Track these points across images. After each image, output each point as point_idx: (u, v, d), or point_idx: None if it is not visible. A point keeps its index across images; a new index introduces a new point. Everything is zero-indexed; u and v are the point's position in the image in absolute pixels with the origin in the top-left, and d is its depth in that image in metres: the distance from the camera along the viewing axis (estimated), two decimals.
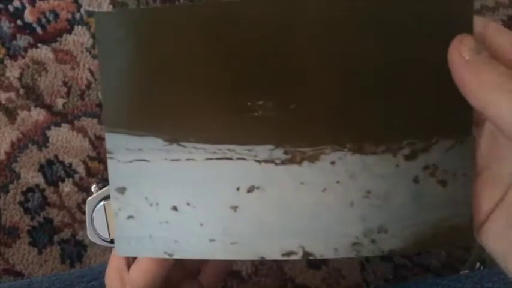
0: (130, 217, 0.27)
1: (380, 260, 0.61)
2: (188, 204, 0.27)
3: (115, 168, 0.27)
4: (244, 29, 0.25)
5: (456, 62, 0.23)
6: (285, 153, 0.26)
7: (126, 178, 0.27)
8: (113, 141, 0.27)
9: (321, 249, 0.26)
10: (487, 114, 0.22)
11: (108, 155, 0.27)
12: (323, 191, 0.26)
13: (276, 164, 0.26)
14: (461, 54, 0.22)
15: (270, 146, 0.26)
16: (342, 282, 0.61)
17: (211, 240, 0.27)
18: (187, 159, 0.26)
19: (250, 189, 0.26)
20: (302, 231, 0.26)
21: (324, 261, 0.60)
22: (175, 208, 0.27)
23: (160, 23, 0.25)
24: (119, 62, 0.26)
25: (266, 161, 0.26)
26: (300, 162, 0.26)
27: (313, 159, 0.26)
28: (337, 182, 0.26)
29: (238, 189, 0.26)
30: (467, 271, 0.58)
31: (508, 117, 0.21)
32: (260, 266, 0.61)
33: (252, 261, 0.61)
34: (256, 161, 0.26)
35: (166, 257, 0.27)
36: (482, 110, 0.22)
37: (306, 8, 0.25)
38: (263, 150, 0.26)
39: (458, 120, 0.25)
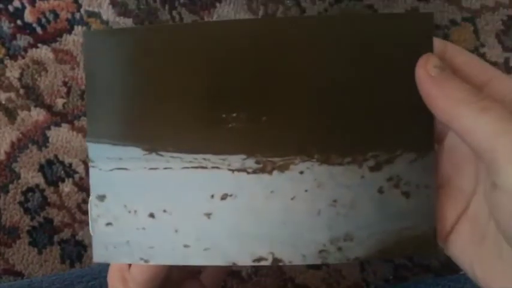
0: (109, 224, 0.28)
1: (380, 260, 0.61)
2: (164, 211, 0.28)
3: (96, 177, 0.28)
4: (219, 46, 0.27)
5: (423, 79, 0.24)
6: (257, 162, 0.27)
7: (106, 186, 0.28)
8: (95, 150, 0.28)
9: (289, 256, 0.27)
10: (452, 126, 0.23)
11: (90, 164, 0.28)
12: (292, 199, 0.27)
13: (248, 173, 0.27)
14: (427, 71, 0.24)
15: (243, 156, 0.27)
16: (342, 282, 0.61)
17: (186, 246, 0.28)
18: (165, 168, 0.28)
19: (224, 197, 0.27)
20: (272, 238, 0.27)
21: None
22: (152, 215, 0.28)
23: (142, 42, 0.27)
24: (104, 77, 0.28)
25: (239, 170, 0.27)
26: (270, 172, 0.27)
27: (283, 168, 0.27)
28: (306, 190, 0.27)
29: (212, 196, 0.27)
30: None
31: (471, 127, 0.22)
32: (260, 266, 0.61)
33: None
34: (230, 170, 0.27)
35: (142, 263, 0.28)
36: (448, 123, 0.23)
37: (279, 28, 0.27)
38: (236, 160, 0.27)
39: (421, 134, 0.26)
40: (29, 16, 0.61)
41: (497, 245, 0.24)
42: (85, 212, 0.61)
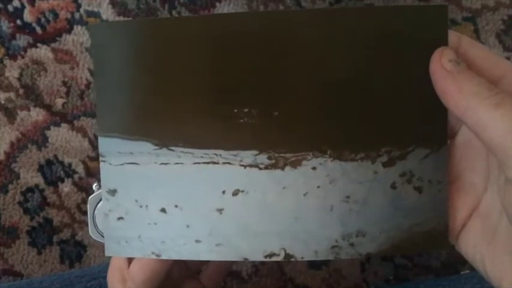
0: (120, 218, 0.28)
1: (380, 261, 0.60)
2: (176, 206, 0.28)
3: (107, 171, 0.28)
4: (232, 40, 0.26)
5: (438, 72, 0.24)
6: (269, 158, 0.27)
7: (117, 180, 0.28)
8: (106, 145, 0.28)
9: (301, 251, 0.27)
10: (466, 120, 0.23)
11: (100, 158, 0.28)
12: (304, 195, 0.27)
13: (260, 168, 0.27)
14: (442, 65, 0.24)
15: (255, 152, 0.27)
16: (342, 282, 0.61)
17: (197, 242, 0.28)
18: (176, 163, 0.27)
19: (235, 193, 0.27)
20: (284, 233, 0.27)
21: (324, 262, 0.60)
22: (163, 210, 0.28)
23: (152, 34, 0.27)
24: (113, 70, 0.27)
25: (251, 166, 0.27)
26: (282, 167, 0.27)
27: (295, 164, 0.27)
28: (318, 187, 0.27)
29: (224, 192, 0.27)
30: (467, 271, 0.58)
31: (485, 122, 0.22)
32: (260, 266, 0.61)
33: (252, 262, 0.60)
34: (242, 165, 0.27)
35: (154, 257, 0.28)
36: (461, 117, 0.23)
37: (290, 22, 0.26)
38: (248, 156, 0.27)
39: (434, 130, 0.26)
40: (28, 16, 0.61)
41: (509, 241, 0.24)
42: (85, 212, 0.61)
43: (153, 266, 0.30)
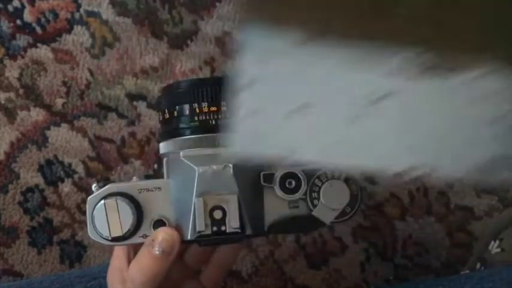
0: (253, 113, 0.26)
1: (380, 261, 0.60)
2: (312, 106, 0.25)
3: (246, 63, 0.25)
4: None
5: None
6: (426, 61, 0.23)
7: (255, 73, 0.25)
8: (248, 35, 0.25)
9: (447, 168, 0.24)
10: None
11: (240, 50, 0.25)
12: (461, 106, 0.24)
13: (414, 72, 0.23)
14: None
15: (410, 51, 0.23)
16: (342, 282, 0.61)
17: (329, 145, 0.25)
18: (320, 59, 0.24)
19: (381, 97, 0.24)
20: (430, 147, 0.24)
21: (324, 262, 0.60)
22: (298, 109, 0.25)
23: None
24: None
25: (404, 68, 0.23)
26: (441, 73, 0.23)
27: (456, 71, 0.23)
28: (478, 98, 0.23)
29: (368, 95, 0.24)
30: (467, 271, 0.58)
31: None
32: (260, 266, 0.61)
33: (252, 262, 0.60)
34: (393, 67, 0.24)
35: (283, 156, 0.26)
36: None
37: None
38: (402, 56, 0.24)
39: None
40: (28, 16, 0.61)
41: None
42: (85, 212, 0.61)
43: (153, 268, 0.30)
